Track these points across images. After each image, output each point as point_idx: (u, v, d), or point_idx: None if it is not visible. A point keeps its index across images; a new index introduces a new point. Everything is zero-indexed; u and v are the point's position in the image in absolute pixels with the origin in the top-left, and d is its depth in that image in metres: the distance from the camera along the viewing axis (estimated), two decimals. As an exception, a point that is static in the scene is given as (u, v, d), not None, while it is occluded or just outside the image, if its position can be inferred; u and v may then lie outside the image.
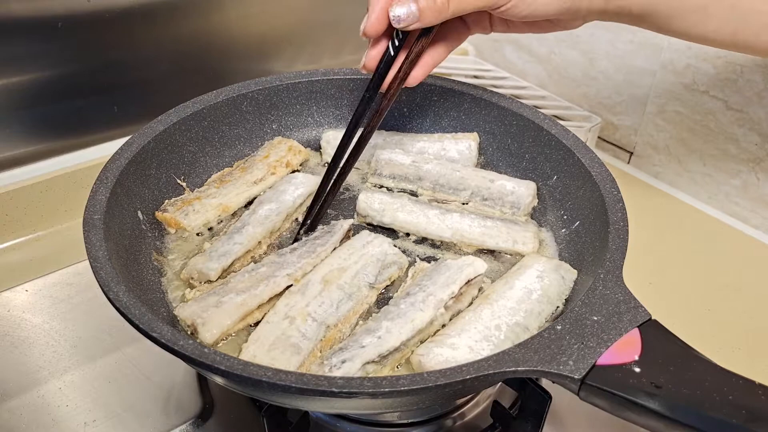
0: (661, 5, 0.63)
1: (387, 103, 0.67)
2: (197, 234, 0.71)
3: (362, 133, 0.69)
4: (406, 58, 0.65)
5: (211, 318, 0.58)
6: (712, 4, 0.63)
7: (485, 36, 1.24)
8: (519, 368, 0.48)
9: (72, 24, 0.88)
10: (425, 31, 0.63)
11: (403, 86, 0.66)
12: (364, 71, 0.66)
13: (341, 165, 0.70)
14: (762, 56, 0.70)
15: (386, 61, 0.65)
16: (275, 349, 0.56)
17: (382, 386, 0.46)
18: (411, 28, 0.61)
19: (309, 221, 0.71)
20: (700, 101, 0.95)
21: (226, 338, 0.60)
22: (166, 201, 0.73)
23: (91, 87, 0.94)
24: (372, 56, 0.65)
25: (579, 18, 0.64)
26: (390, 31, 0.63)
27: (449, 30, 0.66)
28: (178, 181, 0.76)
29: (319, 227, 0.71)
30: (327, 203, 0.72)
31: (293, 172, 0.79)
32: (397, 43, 0.64)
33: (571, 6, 0.61)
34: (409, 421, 0.66)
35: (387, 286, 0.66)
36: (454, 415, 0.67)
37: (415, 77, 0.66)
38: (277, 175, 0.78)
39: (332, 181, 0.71)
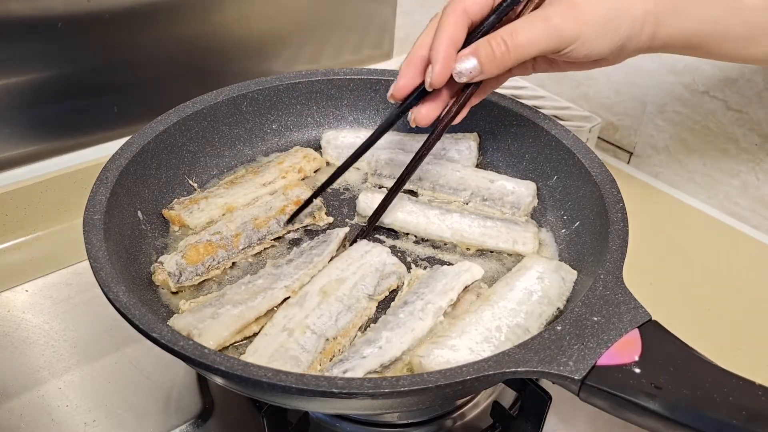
0: (703, 42, 0.64)
1: (434, 141, 0.65)
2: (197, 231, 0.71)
3: (402, 173, 0.67)
4: (455, 102, 0.64)
5: (207, 329, 0.57)
6: (755, 35, 0.64)
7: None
8: (519, 369, 0.48)
9: (72, 24, 0.88)
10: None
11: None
12: (391, 100, 0.64)
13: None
14: None
15: (417, 95, 0.63)
16: (275, 361, 0.55)
17: (382, 387, 0.46)
18: (474, 80, 0.60)
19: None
20: (700, 101, 0.95)
21: (223, 351, 0.59)
22: (175, 199, 0.73)
23: (91, 87, 0.94)
24: (402, 87, 0.63)
25: (622, 56, 0.64)
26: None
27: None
28: (189, 182, 0.76)
29: (316, 237, 0.71)
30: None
31: (305, 178, 0.79)
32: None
33: (622, 46, 0.61)
34: (409, 421, 0.66)
35: (386, 296, 0.66)
36: (454, 415, 0.67)
37: (458, 119, 0.66)
38: (288, 179, 0.78)
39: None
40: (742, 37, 0.64)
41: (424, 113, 0.64)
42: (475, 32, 0.62)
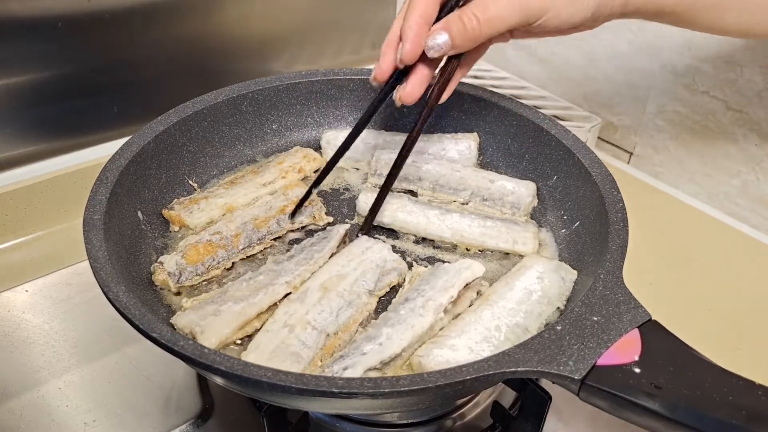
0: (676, 9, 0.64)
1: (422, 124, 0.66)
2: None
3: (398, 158, 0.67)
4: (440, 79, 0.65)
5: (209, 326, 0.58)
6: (728, 1, 0.64)
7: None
8: (519, 369, 0.48)
9: (72, 24, 0.88)
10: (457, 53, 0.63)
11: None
12: (374, 83, 0.65)
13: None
14: None
15: (398, 76, 0.64)
16: (275, 357, 0.56)
17: (382, 387, 0.46)
18: (446, 55, 0.61)
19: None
20: (700, 101, 0.95)
21: (225, 348, 0.59)
22: (175, 199, 0.73)
23: (91, 87, 0.94)
24: (383, 69, 0.64)
25: (598, 21, 0.65)
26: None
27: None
28: (189, 182, 0.76)
29: (316, 233, 0.71)
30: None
31: (305, 178, 0.79)
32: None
33: (594, 12, 0.62)
34: (409, 421, 0.66)
35: (386, 292, 0.66)
36: (454, 415, 0.67)
37: (444, 97, 0.67)
38: (288, 180, 0.78)
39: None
40: (715, 4, 0.65)
41: (409, 90, 0.64)
42: (445, 7, 0.62)
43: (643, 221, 0.77)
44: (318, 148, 0.84)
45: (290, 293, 0.62)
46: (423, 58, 0.63)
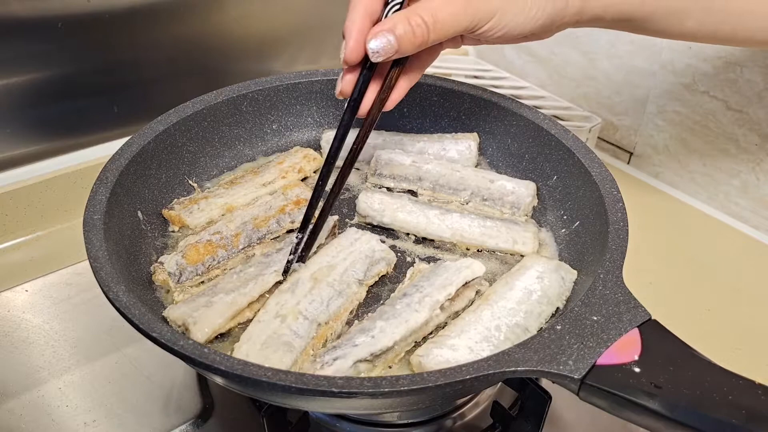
0: (636, 12, 0.63)
1: (367, 130, 0.62)
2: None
3: (345, 161, 0.63)
4: (384, 83, 0.62)
5: (202, 317, 0.58)
6: (686, 8, 0.64)
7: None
8: (519, 368, 0.48)
9: (72, 24, 0.88)
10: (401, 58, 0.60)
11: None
12: (340, 97, 0.62)
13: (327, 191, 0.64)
14: (738, 46, 0.70)
15: (362, 84, 0.61)
16: (268, 347, 0.56)
17: (382, 386, 0.46)
18: (390, 59, 0.58)
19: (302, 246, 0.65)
20: (700, 101, 0.95)
21: (218, 338, 0.60)
22: (175, 199, 0.73)
23: (91, 87, 0.94)
24: (347, 81, 0.61)
25: (551, 31, 0.63)
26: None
27: (422, 50, 0.62)
28: (190, 182, 0.76)
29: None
30: (317, 228, 0.64)
31: (305, 178, 0.80)
32: (368, 66, 0.60)
33: (545, 23, 0.60)
34: (409, 421, 0.66)
35: (376, 282, 0.66)
36: (454, 415, 0.67)
37: (393, 101, 0.63)
38: (288, 179, 0.78)
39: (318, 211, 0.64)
40: (675, 10, 0.63)
41: (365, 104, 0.61)
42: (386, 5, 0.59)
43: (643, 221, 0.78)
44: (318, 148, 0.84)
45: (280, 282, 0.63)
46: (378, 71, 0.60)
